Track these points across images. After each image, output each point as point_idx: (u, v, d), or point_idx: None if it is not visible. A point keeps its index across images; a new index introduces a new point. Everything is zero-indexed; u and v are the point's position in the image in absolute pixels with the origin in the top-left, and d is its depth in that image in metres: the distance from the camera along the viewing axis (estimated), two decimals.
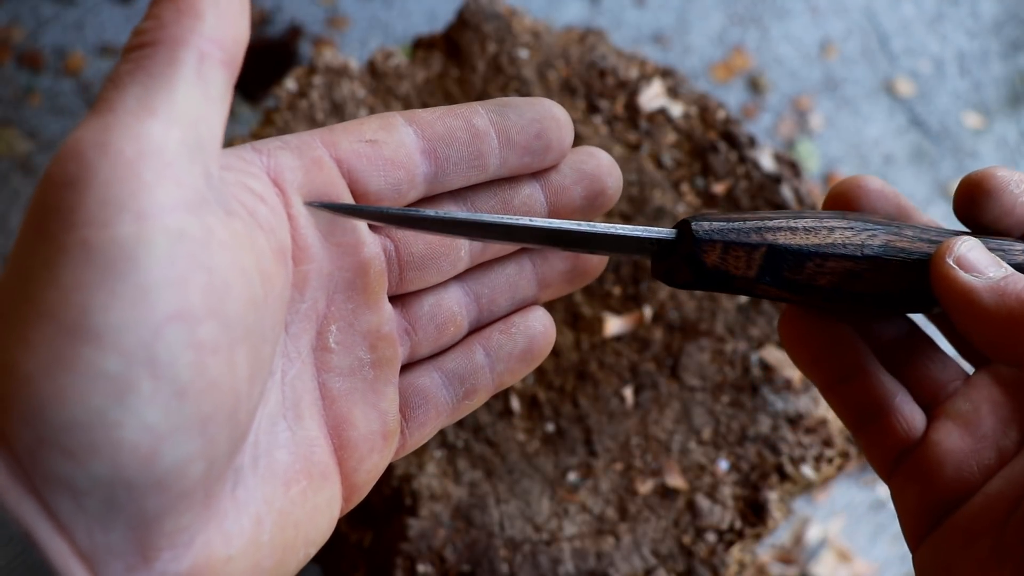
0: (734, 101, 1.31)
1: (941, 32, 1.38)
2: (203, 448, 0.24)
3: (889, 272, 0.32)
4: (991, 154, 1.30)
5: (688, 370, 0.65)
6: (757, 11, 1.37)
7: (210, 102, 0.26)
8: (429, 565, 0.59)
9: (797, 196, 0.69)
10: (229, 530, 0.26)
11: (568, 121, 0.33)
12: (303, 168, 0.30)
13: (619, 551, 0.60)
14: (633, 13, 1.36)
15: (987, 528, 0.29)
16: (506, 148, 0.32)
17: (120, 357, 0.22)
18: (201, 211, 0.24)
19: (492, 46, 0.74)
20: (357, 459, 0.31)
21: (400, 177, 0.31)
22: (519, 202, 0.33)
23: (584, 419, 0.64)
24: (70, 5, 1.32)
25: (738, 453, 0.62)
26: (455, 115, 0.32)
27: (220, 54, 0.26)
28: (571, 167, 0.33)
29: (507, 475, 0.62)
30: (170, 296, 0.23)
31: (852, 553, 1.04)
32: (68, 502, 0.22)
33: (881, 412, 0.32)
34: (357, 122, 0.31)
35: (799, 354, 0.33)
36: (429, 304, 0.33)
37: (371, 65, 0.75)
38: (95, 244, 0.22)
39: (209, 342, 0.24)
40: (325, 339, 0.30)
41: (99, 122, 0.24)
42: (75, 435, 0.22)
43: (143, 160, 0.23)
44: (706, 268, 0.31)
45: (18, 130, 1.24)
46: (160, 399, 0.23)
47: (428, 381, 0.33)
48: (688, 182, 0.70)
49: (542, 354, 0.35)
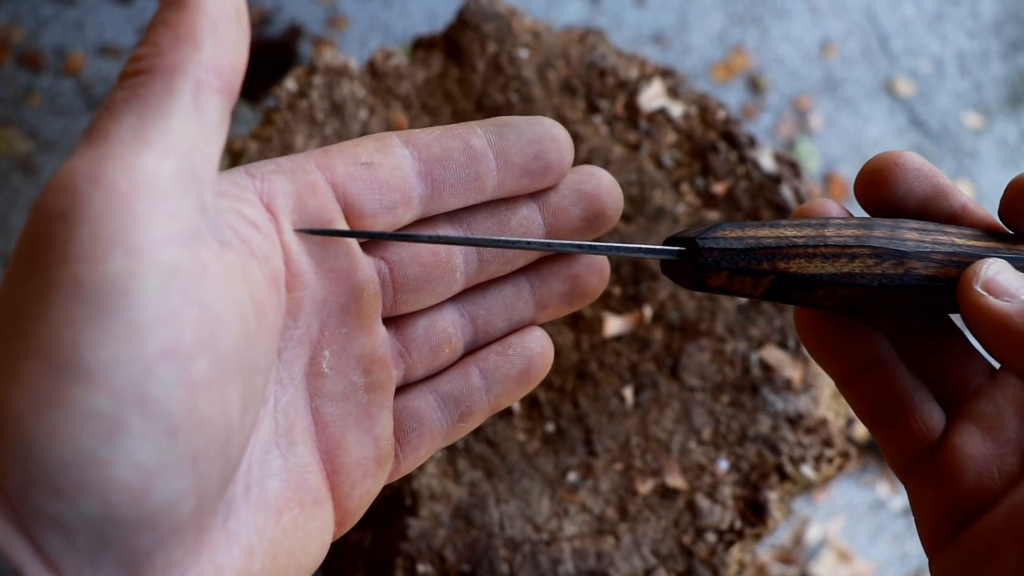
0: (734, 101, 1.31)
1: (941, 32, 1.38)
2: (194, 484, 0.24)
3: (907, 296, 0.31)
4: (991, 154, 1.30)
5: (688, 370, 0.65)
6: (757, 11, 1.37)
7: (206, 131, 0.25)
8: (429, 565, 0.59)
9: (797, 196, 0.69)
10: (221, 562, 0.26)
11: (568, 141, 0.33)
12: (296, 193, 0.29)
13: (619, 551, 0.60)
14: (633, 13, 1.36)
15: (1013, 540, 0.28)
16: (504, 169, 0.32)
17: (111, 396, 0.22)
18: (194, 244, 0.24)
19: (492, 46, 0.74)
20: (350, 484, 0.31)
21: (395, 199, 0.31)
22: (516, 223, 0.33)
23: (584, 419, 0.64)
24: (70, 5, 1.32)
25: (738, 453, 0.62)
26: (452, 136, 0.32)
27: (217, 82, 0.26)
28: (570, 187, 0.33)
29: (507, 475, 0.62)
30: (162, 333, 0.23)
31: (852, 553, 1.04)
32: (58, 540, 0.22)
33: (899, 410, 0.31)
34: (353, 143, 0.31)
35: (813, 344, 0.32)
36: (423, 326, 0.33)
37: (371, 65, 0.75)
38: (86, 280, 0.22)
39: (201, 378, 0.23)
40: (318, 364, 0.30)
41: (92, 153, 0.24)
42: (65, 474, 0.22)
43: (136, 193, 0.23)
44: (710, 287, 0.31)
45: (18, 130, 1.24)
46: (151, 437, 0.22)
47: (423, 404, 0.33)
48: (688, 182, 0.70)
49: (539, 375, 0.34)
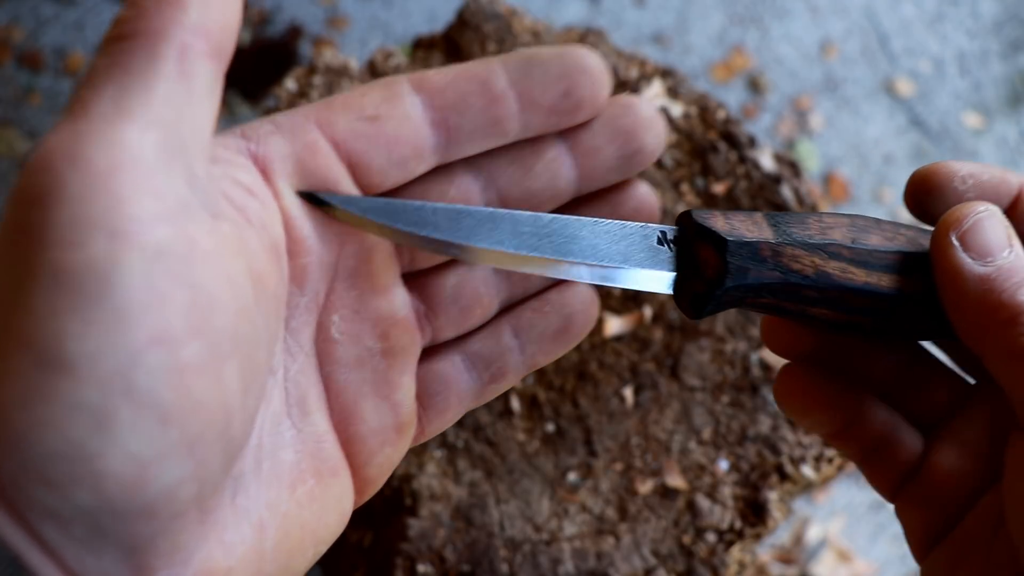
0: (734, 101, 1.31)
1: (941, 32, 1.38)
2: (193, 470, 0.23)
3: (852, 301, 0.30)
4: (991, 154, 1.30)
5: (688, 370, 0.65)
6: (757, 11, 1.37)
7: (195, 98, 0.24)
8: (429, 565, 0.59)
9: (797, 196, 0.69)
10: (230, 541, 0.25)
11: (602, 73, 0.29)
12: (295, 155, 0.27)
13: (619, 551, 0.60)
14: (633, 13, 1.36)
15: (981, 543, 0.29)
16: (528, 111, 0.29)
17: (97, 387, 0.21)
18: (182, 221, 0.23)
19: (492, 46, 0.74)
20: (367, 453, 0.29)
21: (406, 153, 0.28)
22: (542, 168, 0.30)
23: (584, 419, 0.64)
24: (70, 5, 1.32)
25: (738, 453, 0.62)
26: (469, 78, 0.28)
27: (205, 46, 0.24)
28: (604, 123, 0.30)
29: (507, 475, 0.62)
30: (148, 320, 0.21)
31: (852, 553, 1.04)
32: (55, 529, 0.21)
33: (882, 445, 0.32)
34: (358, 93, 0.28)
35: (799, 417, 0.32)
36: (452, 285, 0.30)
37: (371, 65, 0.75)
38: (66, 267, 0.21)
39: (193, 363, 0.22)
40: (327, 330, 0.28)
41: (71, 128, 0.22)
42: (56, 466, 0.21)
43: (117, 171, 0.22)
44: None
45: (18, 130, 1.24)
46: (142, 427, 0.21)
47: (449, 366, 0.31)
48: (688, 182, 0.70)
49: (580, 333, 0.32)
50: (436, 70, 0.29)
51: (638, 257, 0.29)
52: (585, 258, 0.28)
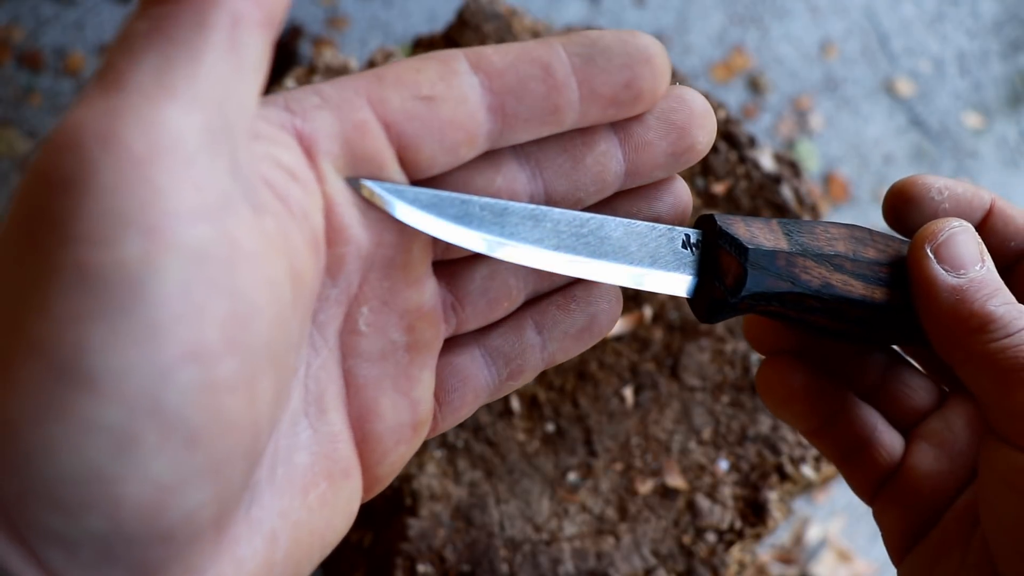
0: (734, 101, 1.31)
1: (941, 32, 1.38)
2: (216, 493, 0.21)
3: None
4: (991, 154, 1.30)
5: (688, 370, 0.65)
6: (757, 11, 1.37)
7: (243, 73, 0.21)
8: (429, 565, 0.59)
9: (797, 196, 0.69)
10: (242, 556, 0.23)
11: (665, 64, 0.28)
12: (342, 136, 0.25)
13: (619, 551, 0.60)
14: (633, 13, 1.36)
15: (956, 543, 0.29)
16: (588, 100, 0.27)
17: (121, 407, 0.19)
18: (224, 218, 0.20)
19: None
20: (381, 452, 0.28)
21: (458, 139, 0.26)
22: (592, 160, 0.28)
23: (584, 419, 0.64)
24: (70, 5, 1.32)
25: (738, 453, 0.62)
26: (531, 60, 0.26)
27: (259, 13, 0.21)
28: (658, 117, 0.28)
29: (507, 475, 0.62)
30: (183, 333, 0.19)
31: (852, 553, 1.04)
32: (60, 554, 0.19)
33: (861, 445, 0.32)
34: (414, 68, 0.26)
35: (779, 409, 0.33)
36: (481, 276, 0.28)
37: (371, 65, 0.75)
38: (94, 267, 0.19)
39: (228, 381, 0.20)
40: (354, 322, 0.26)
41: (105, 104, 0.20)
42: (67, 489, 0.19)
43: (156, 158, 0.19)
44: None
45: (18, 130, 1.24)
46: (168, 451, 0.19)
47: (469, 360, 0.29)
48: (688, 182, 0.70)
49: (604, 331, 0.31)
50: (495, 47, 0.26)
51: (664, 260, 0.29)
52: (617, 259, 0.28)
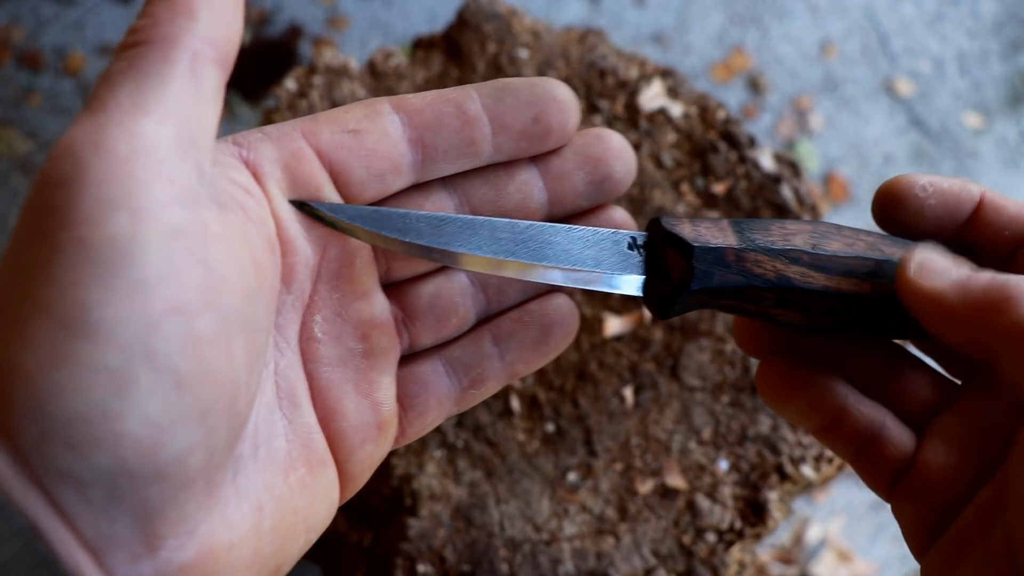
0: (734, 101, 1.31)
1: (941, 32, 1.38)
2: (204, 438, 0.24)
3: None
4: (991, 154, 1.30)
5: (688, 370, 0.65)
6: (757, 11, 1.37)
7: (203, 100, 0.26)
8: (429, 565, 0.59)
9: (797, 196, 0.69)
10: (231, 517, 0.26)
11: (572, 102, 0.31)
12: (282, 161, 0.30)
13: (619, 551, 0.60)
14: (633, 13, 1.36)
15: (978, 538, 0.29)
16: (500, 134, 0.31)
17: (118, 351, 0.22)
18: (195, 206, 0.25)
19: (492, 46, 0.74)
20: (348, 449, 0.31)
21: (384, 167, 0.30)
22: (514, 188, 0.32)
23: (584, 419, 0.64)
24: (70, 5, 1.32)
25: (738, 453, 0.62)
26: (445, 101, 0.31)
27: (213, 53, 0.26)
28: (575, 151, 0.32)
29: (507, 475, 0.62)
30: (166, 290, 0.23)
31: (852, 553, 1.04)
32: (73, 494, 0.23)
33: (872, 442, 0.32)
34: (342, 110, 0.31)
35: (780, 408, 0.33)
36: (428, 294, 0.32)
37: (371, 65, 0.75)
38: (91, 241, 0.23)
39: (206, 334, 0.24)
40: (311, 329, 0.30)
41: (92, 121, 0.24)
42: (77, 428, 0.22)
43: (136, 158, 0.24)
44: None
45: (18, 130, 1.24)
46: (160, 391, 0.23)
47: (429, 369, 0.33)
48: (688, 182, 0.70)
49: (560, 344, 0.33)
50: (415, 94, 0.31)
51: (609, 261, 0.31)
52: (559, 262, 0.30)
